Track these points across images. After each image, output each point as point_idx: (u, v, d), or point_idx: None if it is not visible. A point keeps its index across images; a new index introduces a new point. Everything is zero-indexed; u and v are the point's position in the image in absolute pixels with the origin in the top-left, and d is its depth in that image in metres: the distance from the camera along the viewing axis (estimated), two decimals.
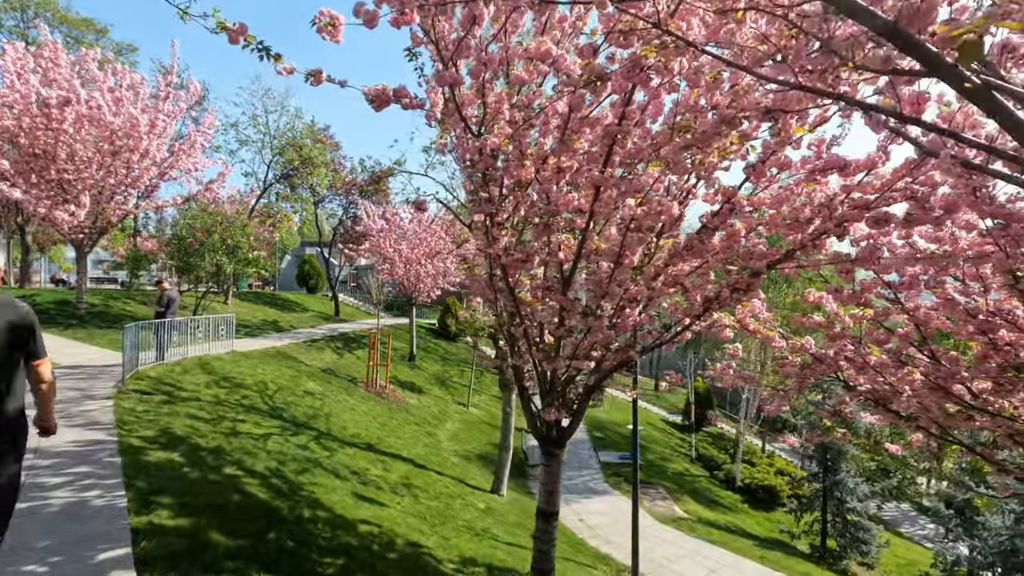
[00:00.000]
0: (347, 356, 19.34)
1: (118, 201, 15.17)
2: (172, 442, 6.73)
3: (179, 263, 16.65)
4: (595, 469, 17.21)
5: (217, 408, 9.62)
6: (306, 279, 33.14)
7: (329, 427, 11.38)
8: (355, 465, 9.64)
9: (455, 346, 30.67)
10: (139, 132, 13.84)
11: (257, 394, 11.53)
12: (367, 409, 14.31)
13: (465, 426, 17.85)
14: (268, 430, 9.50)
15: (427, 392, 19.62)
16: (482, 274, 5.22)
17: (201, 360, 12.55)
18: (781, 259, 4.81)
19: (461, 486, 11.54)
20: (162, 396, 9.23)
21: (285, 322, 22.83)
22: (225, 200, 18.70)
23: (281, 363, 14.96)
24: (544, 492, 5.70)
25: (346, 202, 28.76)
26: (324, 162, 23.09)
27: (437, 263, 21.24)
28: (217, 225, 16.30)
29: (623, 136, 4.52)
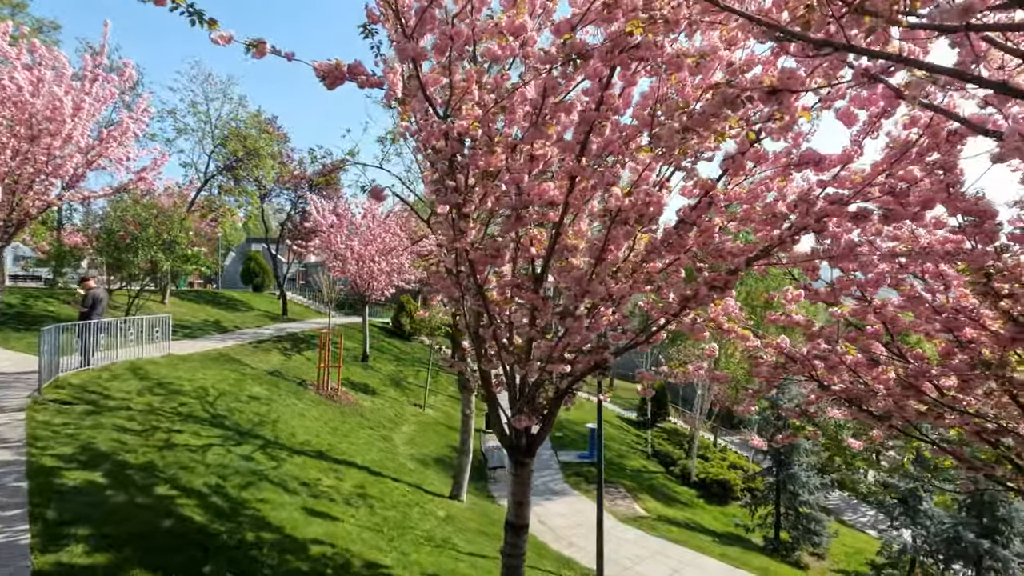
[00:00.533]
0: (296, 357, 18.43)
1: (38, 191, 13.81)
2: (94, 460, 5.99)
3: (109, 259, 15.37)
4: (555, 469, 17.00)
5: (150, 418, 8.80)
6: (252, 277, 31.60)
7: (277, 435, 10.67)
8: (305, 476, 9.02)
9: (410, 345, 29.93)
10: (62, 115, 12.60)
11: (196, 401, 10.68)
12: (318, 414, 13.58)
13: (421, 428, 17.29)
14: (208, 440, 8.76)
15: (381, 394, 18.93)
16: (446, 271, 4.79)
17: (133, 365, 11.56)
18: (758, 255, 4.60)
19: (419, 493, 11.04)
20: (85, 406, 8.34)
21: (229, 322, 21.60)
22: (162, 192, 17.44)
23: (224, 366, 14.02)
24: (513, 503, 5.34)
25: (294, 196, 27.56)
26: (271, 154, 21.92)
27: (392, 260, 20.53)
28: (152, 218, 15.13)
29: (600, 123, 4.20)
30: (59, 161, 13.73)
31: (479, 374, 5.51)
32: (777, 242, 4.42)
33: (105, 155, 14.61)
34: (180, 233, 16.16)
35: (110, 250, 15.03)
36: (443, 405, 21.39)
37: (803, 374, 5.67)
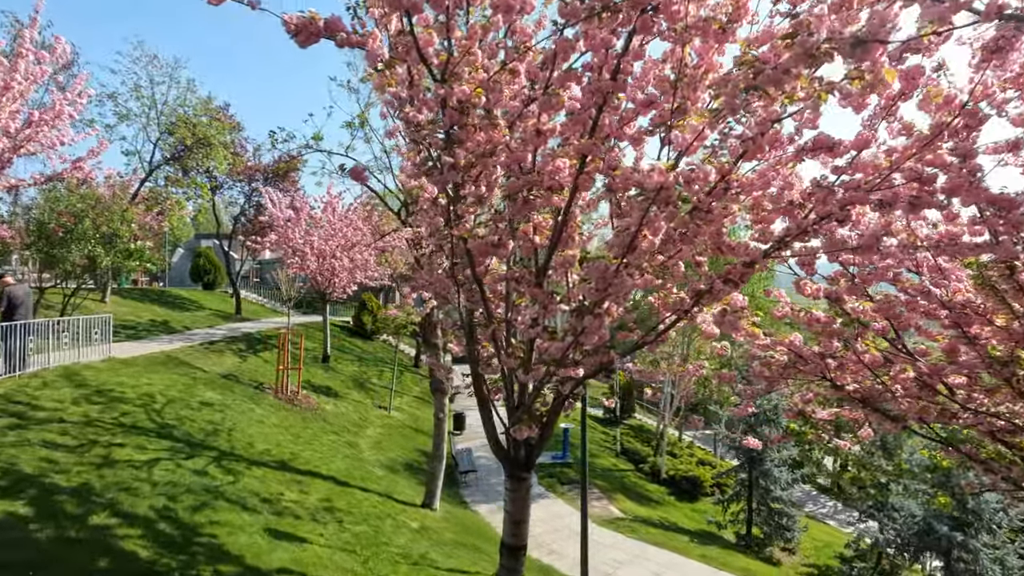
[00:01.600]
0: (252, 359, 17.33)
1: None
2: (16, 485, 5.12)
3: (40, 255, 13.96)
4: None
5: (87, 431, 7.84)
6: (202, 274, 29.87)
7: (232, 445, 9.79)
8: (266, 490, 8.23)
9: (372, 344, 28.96)
10: None
11: (141, 409, 9.69)
12: (278, 420, 12.68)
13: (388, 432, 16.53)
14: (155, 454, 7.87)
15: (344, 397, 18.03)
16: (439, 264, 4.20)
17: (68, 370, 10.44)
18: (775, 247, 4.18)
19: (390, 503, 10.36)
20: (8, 419, 7.33)
21: (177, 322, 20.20)
22: (101, 183, 16.03)
23: (172, 370, 12.94)
24: (510, 523, 4.81)
25: (248, 189, 26.14)
26: (223, 143, 20.58)
27: (354, 256, 19.60)
28: (89, 209, 13.82)
29: (615, 94, 3.71)
30: None
31: (472, 379, 4.95)
32: (796, 232, 4.01)
33: (35, 140, 13.26)
34: (121, 226, 14.86)
35: (41, 244, 13.64)
36: (409, 407, 20.64)
37: (815, 374, 5.35)
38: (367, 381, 21.63)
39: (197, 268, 29.67)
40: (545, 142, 3.81)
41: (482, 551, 9.70)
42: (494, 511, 13.21)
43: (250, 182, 25.45)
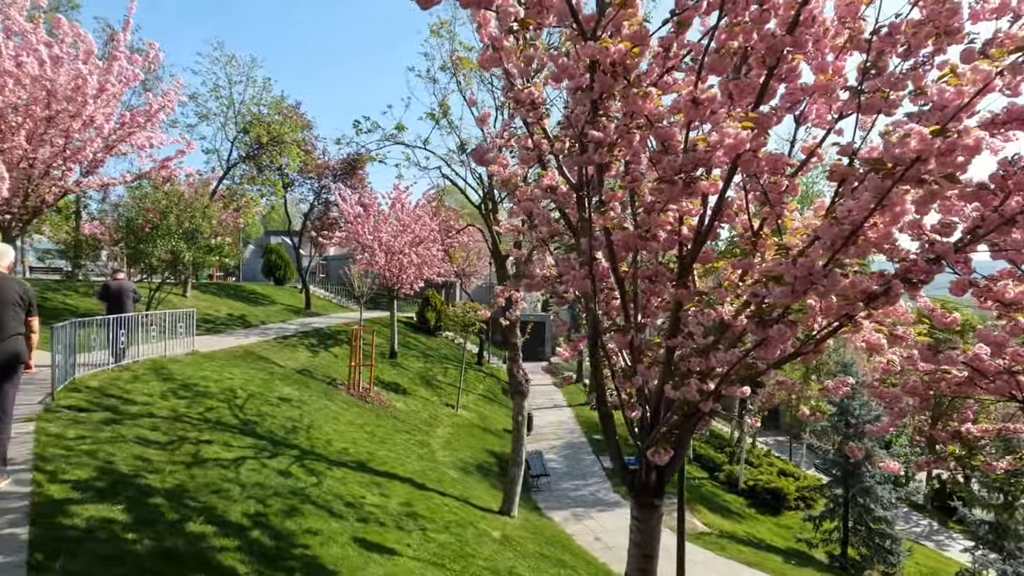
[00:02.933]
0: (323, 355, 17.47)
1: (54, 177, 12.94)
2: (113, 487, 4.96)
3: (128, 250, 14.46)
4: (600, 477, 15.87)
5: (175, 426, 7.81)
6: (273, 270, 30.76)
7: (312, 443, 9.65)
8: (349, 493, 7.97)
9: (435, 341, 28.97)
10: (84, 95, 11.66)
11: (224, 404, 9.70)
12: (352, 417, 12.57)
13: (457, 431, 16.25)
14: (240, 452, 7.75)
15: (413, 393, 17.92)
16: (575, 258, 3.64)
17: (156, 364, 10.62)
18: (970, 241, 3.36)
19: (468, 508, 9.97)
20: (104, 413, 7.36)
21: (253, 317, 20.72)
22: (182, 181, 16.50)
23: (251, 365, 13.07)
24: (639, 556, 4.21)
25: (317, 186, 26.57)
26: (295, 140, 20.92)
27: (422, 251, 19.47)
28: (173, 206, 14.18)
29: (794, 54, 3.05)
30: (78, 145, 12.85)
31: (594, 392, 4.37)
32: (997, 223, 3.17)
33: (127, 140, 13.70)
34: (203, 222, 15.21)
35: (129, 240, 14.11)
36: (475, 405, 20.36)
37: (1001, 393, 4.47)
38: (433, 378, 21.52)
39: (269, 264, 30.56)
40: (704, 114, 3.18)
41: (567, 565, 9.15)
42: (569, 519, 12.64)
43: (319, 179, 25.86)
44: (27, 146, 11.93)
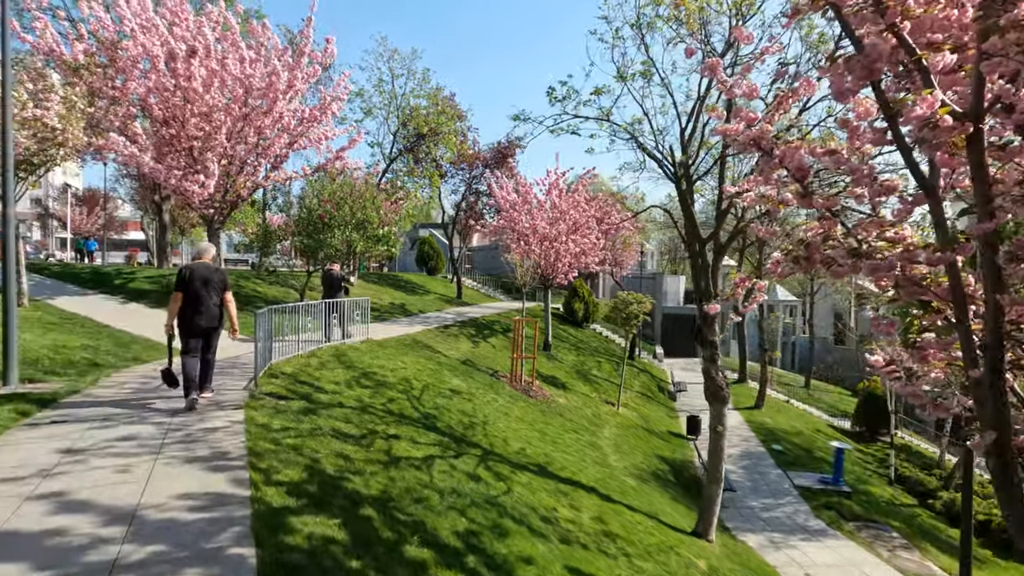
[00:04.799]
0: (483, 345, 17.21)
1: (248, 172, 13.88)
2: (323, 492, 4.49)
3: (307, 240, 15.15)
4: (794, 496, 13.72)
5: (364, 418, 7.52)
6: (426, 260, 31.81)
7: (490, 441, 9.03)
8: (539, 503, 7.15)
9: (583, 333, 27.92)
10: (276, 90, 12.22)
11: (403, 395, 9.43)
12: (520, 413, 11.92)
13: (623, 432, 15.05)
14: (427, 450, 7.26)
15: (571, 388, 17.03)
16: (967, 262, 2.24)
17: (337, 351, 10.75)
18: None
19: (662, 528, 8.75)
20: (300, 402, 7.24)
21: (412, 306, 21.23)
22: (352, 173, 17.08)
23: (419, 354, 12.97)
24: None
25: (469, 176, 26.70)
26: (452, 130, 20.99)
27: (579, 239, 18.44)
28: (347, 197, 14.56)
29: None
30: (267, 141, 13.62)
31: (992, 428, 2.91)
32: None
33: (306, 135, 14.32)
34: (372, 213, 15.55)
35: (309, 230, 14.76)
36: (635, 404, 18.97)
37: None
38: (588, 372, 20.50)
39: (422, 254, 31.63)
40: None
41: None
42: (766, 547, 10.86)
43: (470, 169, 25.95)
44: (227, 143, 12.80)
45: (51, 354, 8.00)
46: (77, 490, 3.91)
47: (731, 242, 9.61)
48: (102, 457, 4.57)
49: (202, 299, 6.10)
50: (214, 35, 11.89)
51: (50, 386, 6.78)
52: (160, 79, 11.25)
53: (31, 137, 9.29)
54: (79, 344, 8.75)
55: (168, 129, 12.44)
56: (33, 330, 8.88)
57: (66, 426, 5.32)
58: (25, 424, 5.35)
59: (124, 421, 5.60)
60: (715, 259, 9.07)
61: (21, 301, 10.05)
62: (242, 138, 13.00)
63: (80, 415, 5.73)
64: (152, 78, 11.27)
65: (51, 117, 9.36)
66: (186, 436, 5.22)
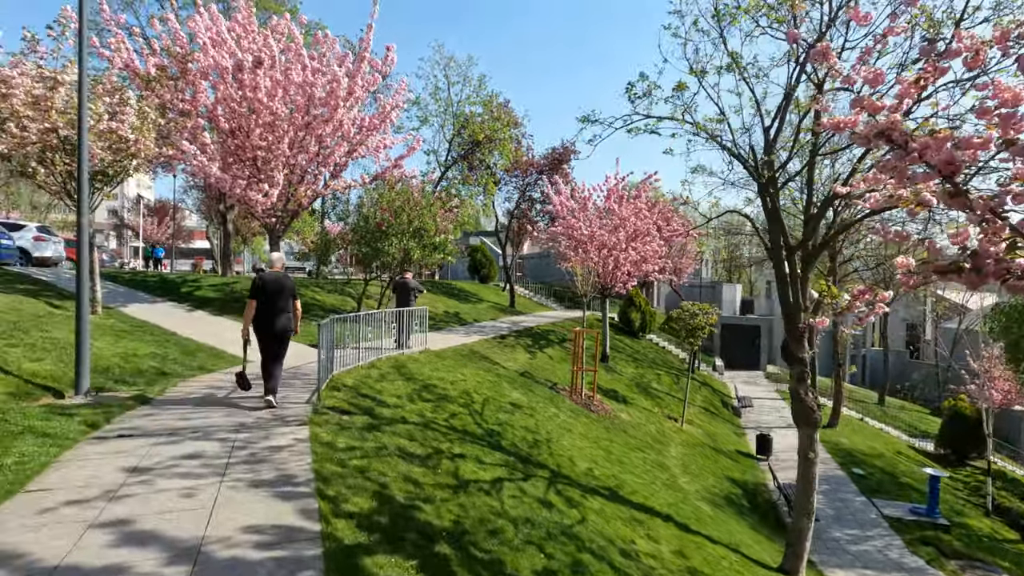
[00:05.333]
0: (540, 356, 16.70)
1: (308, 181, 13.97)
2: (395, 527, 4.10)
3: (364, 249, 15.06)
4: (884, 528, 12.51)
5: (428, 435, 7.15)
6: (478, 268, 31.64)
7: (557, 461, 8.51)
8: (615, 534, 6.57)
9: (639, 344, 26.98)
10: (337, 97, 12.21)
11: (464, 410, 9.05)
12: (583, 429, 11.34)
13: (690, 451, 14.20)
14: (495, 472, 6.81)
15: (632, 403, 16.28)
16: None
17: (396, 362, 10.49)
18: None
19: (746, 564, 7.99)
20: (363, 417, 6.94)
21: (466, 315, 20.98)
22: (410, 181, 16.99)
23: (477, 366, 12.59)
24: None
25: (523, 183, 26.35)
26: (508, 137, 20.70)
27: (640, 246, 17.71)
28: (405, 205, 14.39)
29: None
30: (328, 150, 13.66)
31: None
32: None
33: (365, 143, 14.30)
34: (429, 221, 15.34)
35: (367, 239, 14.68)
36: (699, 420, 18.00)
37: None
38: (648, 385, 19.66)
39: (474, 262, 31.46)
40: None
41: None
42: None
43: (524, 176, 25.59)
44: (289, 153, 12.88)
45: (121, 362, 8.03)
46: (141, 517, 3.65)
47: (823, 249, 8.77)
48: (168, 478, 4.34)
49: (274, 306, 6.60)
50: (279, 46, 11.98)
51: (119, 396, 6.73)
52: (227, 90, 11.39)
53: (106, 148, 9.47)
54: (148, 352, 8.79)
55: (234, 140, 12.62)
56: (105, 337, 8.99)
57: (133, 440, 5.16)
58: (93, 437, 5.22)
59: (190, 436, 5.41)
60: (804, 268, 8.27)
61: (95, 309, 10.26)
62: (304, 147, 13.06)
63: (147, 428, 5.59)
64: (220, 89, 11.43)
65: (125, 129, 9.51)
66: (251, 456, 4.96)
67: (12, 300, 9.67)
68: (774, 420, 21.76)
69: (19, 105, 8.85)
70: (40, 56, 9.02)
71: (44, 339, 7.92)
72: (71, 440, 5.05)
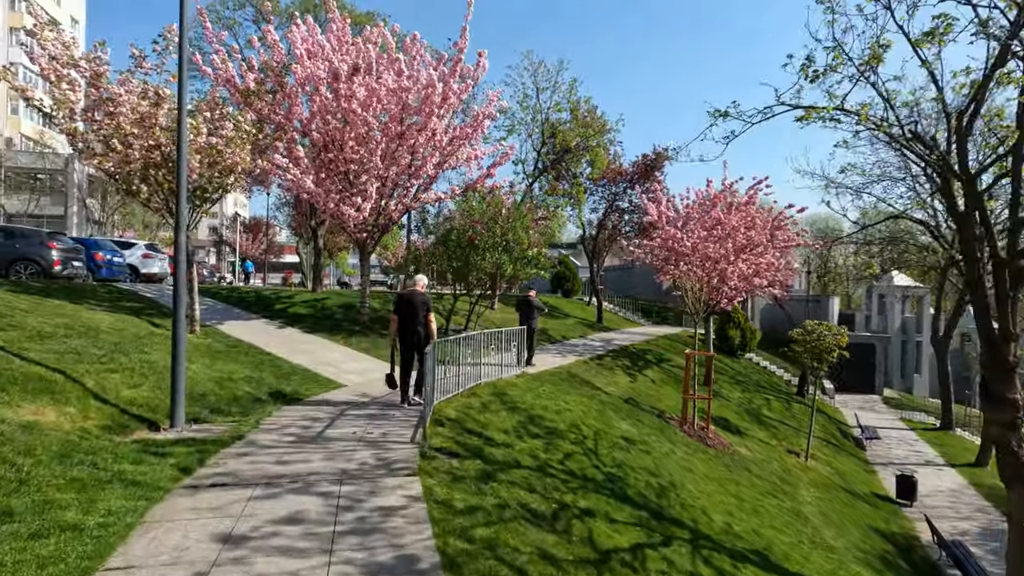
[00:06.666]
0: (640, 379, 15.31)
1: (400, 194, 13.46)
2: None
3: (456, 263, 14.33)
4: None
5: (547, 483, 6.10)
6: (562, 282, 30.52)
7: (692, 516, 7.21)
8: None
9: (739, 363, 24.79)
10: (432, 104, 11.62)
11: (578, 447, 7.93)
12: (705, 469, 9.91)
13: (824, 494, 12.31)
14: (630, 534, 5.65)
15: (747, 434, 14.52)
16: None
17: (496, 388, 9.54)
18: None
19: None
20: (475, 462, 5.99)
21: (554, 331, 19.89)
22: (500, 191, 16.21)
23: (579, 392, 11.44)
24: None
25: (610, 193, 25.01)
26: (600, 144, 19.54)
27: (751, 257, 15.96)
28: (499, 216, 13.57)
29: None
30: (420, 162, 13.10)
31: None
32: None
33: (456, 154, 13.64)
34: (521, 233, 14.43)
35: (460, 253, 13.95)
36: (823, 455, 15.88)
37: None
38: (758, 412, 17.71)
39: (558, 276, 30.38)
40: None
41: None
42: None
43: (613, 185, 24.26)
44: (381, 166, 12.40)
45: (217, 388, 7.57)
46: None
47: None
48: (266, 554, 3.52)
49: (410, 319, 7.57)
50: (374, 53, 11.54)
51: (214, 430, 6.17)
52: (323, 101, 11.04)
53: (203, 164, 9.23)
54: (243, 376, 8.35)
55: (327, 153, 12.32)
56: (202, 359, 8.66)
57: (227, 493, 4.45)
58: (186, 486, 4.57)
59: (288, 487, 4.64)
60: (1015, 286, 6.52)
61: (194, 328, 10.07)
62: (396, 160, 12.55)
63: (242, 474, 4.89)
64: (315, 101, 11.11)
65: (222, 142, 9.26)
66: (360, 521, 4.09)
67: (116, 319, 9.61)
68: (906, 455, 19.04)
69: (125, 123, 8.76)
70: (145, 72, 8.91)
71: (143, 363, 7.59)
72: (161, 490, 4.40)
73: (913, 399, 32.43)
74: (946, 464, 18.22)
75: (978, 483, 16.52)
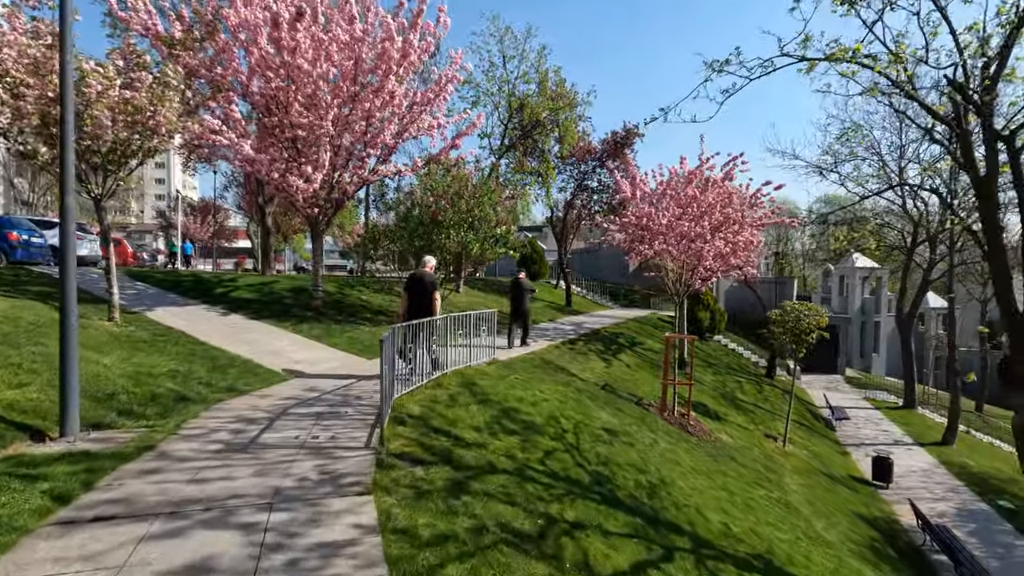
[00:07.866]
0: (615, 364, 14.55)
1: (355, 165, 12.17)
2: None
3: (418, 243, 13.22)
4: None
5: (528, 491, 5.18)
6: (529, 264, 29.56)
7: (688, 517, 6.42)
8: None
9: (708, 346, 24.45)
10: (390, 60, 10.35)
11: (558, 443, 7.03)
12: (692, 461, 9.19)
13: (805, 481, 11.85)
14: (627, 549, 4.83)
15: (726, 419, 13.99)
16: None
17: (464, 376, 8.56)
18: None
19: None
20: (443, 468, 5.00)
21: None
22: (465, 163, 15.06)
23: (553, 378, 10.55)
24: None
25: (578, 172, 24.10)
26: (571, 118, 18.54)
27: (728, 235, 15.34)
28: (464, 191, 12.48)
29: None
30: (376, 129, 11.84)
31: None
32: None
33: (416, 122, 12.41)
34: (489, 210, 13.39)
35: (421, 231, 12.82)
36: (798, 438, 15.52)
37: None
38: (733, 396, 17.29)
39: (525, 258, 29.41)
40: None
41: None
42: None
43: (581, 164, 23.34)
44: (333, 131, 11.10)
45: (131, 385, 6.32)
46: None
47: None
48: None
49: (418, 298, 8.20)
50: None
51: (117, 439, 4.97)
52: (261, 53, 9.65)
53: (118, 122, 7.80)
54: (167, 370, 7.09)
55: (270, 117, 10.94)
56: (119, 351, 7.36)
57: (112, 530, 3.33)
58: (57, 521, 3.42)
59: (199, 519, 3.55)
60: None
61: (112, 315, 8.69)
62: (349, 126, 11.25)
63: (140, 500, 3.77)
64: (254, 54, 9.71)
65: (140, 98, 7.84)
66: (290, 568, 3.04)
67: (13, 306, 8.15)
68: (875, 435, 19.03)
69: (13, 69, 7.26)
70: (33, 7, 7.40)
71: (37, 356, 6.27)
72: (17, 531, 3.24)
73: (874, 378, 33.06)
74: (914, 443, 18.27)
75: (948, 462, 16.54)
